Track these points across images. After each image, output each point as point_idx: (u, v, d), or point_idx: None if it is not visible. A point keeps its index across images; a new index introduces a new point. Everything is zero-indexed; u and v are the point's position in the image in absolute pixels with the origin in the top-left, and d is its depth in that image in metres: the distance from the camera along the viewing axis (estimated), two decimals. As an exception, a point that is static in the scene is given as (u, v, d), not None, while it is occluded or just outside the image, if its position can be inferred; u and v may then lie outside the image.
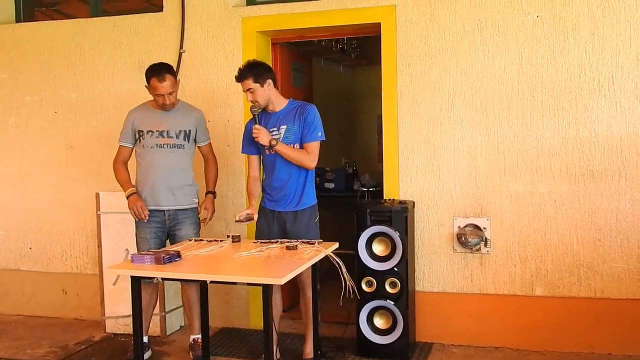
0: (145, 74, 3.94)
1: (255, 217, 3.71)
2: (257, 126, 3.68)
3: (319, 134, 3.73)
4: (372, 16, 4.32)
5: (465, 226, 4.18)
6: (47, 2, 5.82)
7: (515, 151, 4.10)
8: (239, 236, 3.61)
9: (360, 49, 6.94)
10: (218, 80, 4.66)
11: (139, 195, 3.94)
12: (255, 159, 3.88)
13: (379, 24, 4.31)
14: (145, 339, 4.02)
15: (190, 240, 3.76)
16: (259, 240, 3.62)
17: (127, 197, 3.94)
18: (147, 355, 4.05)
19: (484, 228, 4.15)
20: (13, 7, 5.35)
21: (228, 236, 3.64)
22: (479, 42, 4.13)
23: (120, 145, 4.07)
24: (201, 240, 3.75)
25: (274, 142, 3.64)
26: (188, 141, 4.04)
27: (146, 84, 3.95)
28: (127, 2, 5.34)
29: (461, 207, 4.21)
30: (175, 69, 4.67)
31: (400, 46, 4.27)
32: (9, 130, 5.19)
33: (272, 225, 3.80)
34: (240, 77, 3.69)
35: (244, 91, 3.73)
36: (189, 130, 4.04)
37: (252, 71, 3.67)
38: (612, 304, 3.97)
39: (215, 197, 4.14)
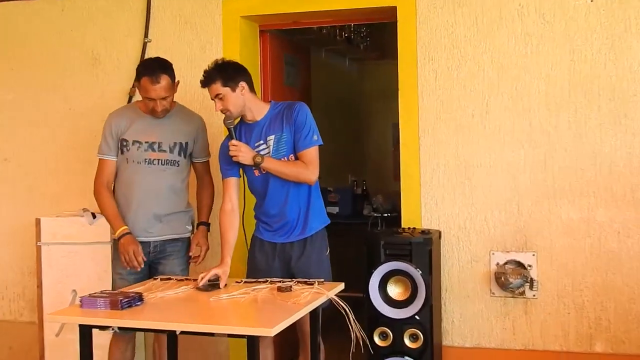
0: (137, 69, 3.91)
1: (224, 280, 3.51)
2: (233, 142, 3.59)
3: (315, 137, 3.65)
4: (385, -2, 4.35)
5: (506, 263, 4.15)
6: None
7: (567, 169, 4.08)
8: (217, 275, 3.54)
9: (370, 38, 6.97)
10: (193, 77, 4.58)
11: (133, 237, 3.81)
12: (233, 183, 3.76)
13: (395, 7, 4.32)
14: None
15: (155, 279, 3.70)
16: (243, 280, 3.57)
17: (119, 239, 3.80)
18: None
19: (529, 266, 4.12)
20: None
21: (202, 275, 3.55)
22: (519, 32, 4.14)
23: (101, 159, 3.95)
24: (169, 278, 3.70)
25: (258, 159, 3.55)
26: (184, 157, 3.99)
27: (136, 82, 3.93)
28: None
29: (500, 239, 4.19)
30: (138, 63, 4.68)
31: (422, 36, 4.29)
32: None
33: (271, 261, 3.75)
34: (206, 80, 3.62)
35: (211, 98, 3.66)
36: (186, 143, 3.99)
37: (220, 73, 3.60)
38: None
39: (209, 230, 4.08)
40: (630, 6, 3.95)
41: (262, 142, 3.67)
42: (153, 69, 3.80)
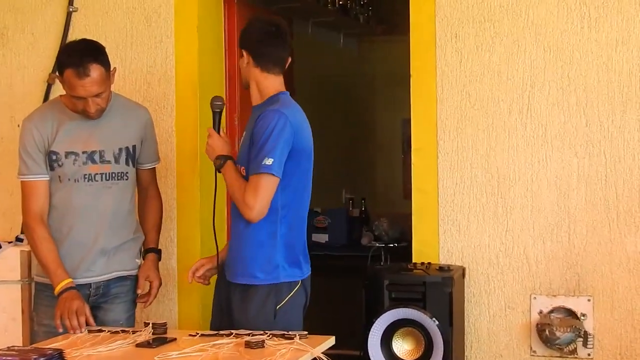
0: (58, 57, 3.95)
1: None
2: (210, 130, 3.72)
3: (267, 161, 3.60)
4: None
5: (551, 311, 4.20)
6: None
7: (637, 185, 4.13)
8: (165, 323, 3.60)
9: (373, 7, 7.01)
10: (134, 57, 4.70)
11: (78, 293, 3.75)
12: None
13: (406, -33, 4.38)
14: None
15: (83, 331, 3.73)
16: (199, 332, 3.61)
17: (60, 294, 3.73)
18: None
19: (583, 315, 4.17)
20: None
21: (146, 323, 3.62)
22: (573, 3, 4.18)
23: (26, 182, 3.92)
24: (101, 330, 3.73)
25: (217, 162, 3.68)
26: (133, 165, 4.05)
27: (57, 74, 3.94)
28: None
29: (544, 278, 4.23)
30: (60, 41, 4.72)
31: (442, 4, 4.34)
32: None
33: (219, 301, 3.88)
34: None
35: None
36: (133, 147, 4.03)
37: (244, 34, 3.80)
38: None
39: (160, 259, 4.14)
40: None
41: (238, 136, 3.78)
42: (80, 57, 3.74)
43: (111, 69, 3.87)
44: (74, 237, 3.90)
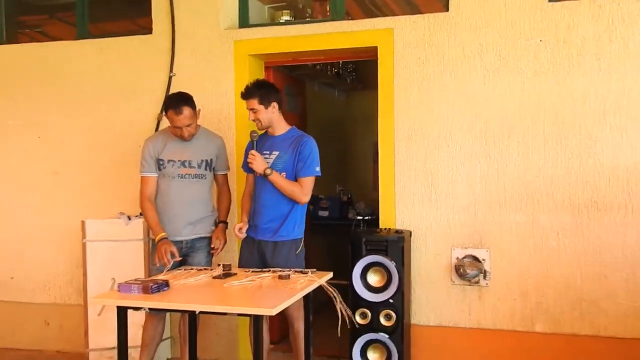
0: (164, 103, 3.99)
1: (245, 230, 3.81)
2: (253, 152, 3.70)
3: (317, 168, 3.73)
4: (368, 40, 4.37)
5: (464, 257, 4.18)
6: (31, 23, 5.85)
7: (516, 181, 4.11)
8: (230, 265, 3.60)
9: (356, 73, 6.99)
10: (209, 104, 4.64)
11: (169, 241, 3.80)
12: (252, 177, 3.89)
13: (376, 47, 4.34)
14: None
15: (180, 269, 3.74)
16: (251, 270, 3.61)
17: (157, 242, 3.81)
18: None
19: (483, 260, 4.15)
20: (-6, 28, 5.40)
21: (219, 265, 3.63)
22: (479, 67, 4.16)
23: (144, 177, 3.96)
24: (191, 268, 3.74)
25: (268, 171, 3.65)
26: (210, 170, 4.02)
27: (163, 114, 3.98)
28: (114, 24, 5.37)
29: (459, 237, 4.21)
30: (165, 94, 4.71)
31: (398, 70, 4.30)
32: (-11, 155, 5.20)
33: (253, 254, 3.81)
34: (246, 94, 3.71)
35: (247, 108, 3.74)
36: (211, 160, 4.01)
37: (259, 91, 3.69)
38: (617, 343, 3.94)
39: (227, 228, 4.13)
40: (572, 45, 3.97)
41: (267, 152, 3.75)
42: (176, 102, 3.82)
43: (197, 109, 3.90)
44: (171, 212, 3.92)
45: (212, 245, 4.01)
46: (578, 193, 4.01)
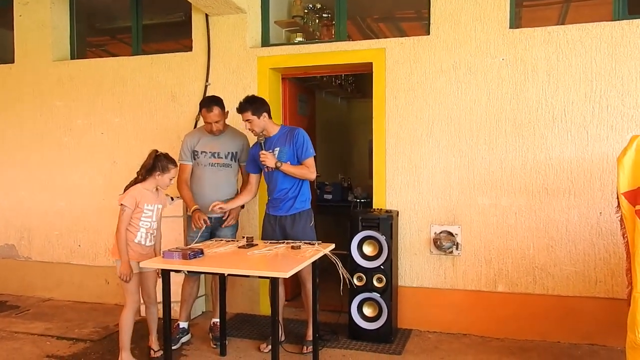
0: (199, 104, 3.99)
1: (226, 207, 3.77)
2: (263, 152, 3.67)
3: (311, 150, 3.74)
4: (365, 57, 4.32)
5: (440, 232, 4.16)
6: (95, 43, 5.86)
7: (483, 170, 4.08)
8: (252, 237, 3.59)
9: (355, 84, 6.94)
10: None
11: (201, 210, 3.84)
12: (254, 177, 3.88)
13: (371, 63, 4.31)
14: (185, 325, 4.03)
15: (211, 240, 3.73)
16: (269, 241, 3.60)
17: (192, 212, 3.85)
18: (185, 339, 4.02)
19: (456, 234, 4.13)
20: (68, 47, 5.37)
21: (243, 237, 3.62)
22: (453, 80, 4.13)
23: (182, 164, 3.97)
24: (220, 240, 3.73)
25: (279, 164, 3.63)
26: (235, 161, 4.01)
27: (199, 112, 4.00)
28: (162, 44, 5.35)
29: (437, 216, 4.18)
30: (201, 99, 4.69)
31: (389, 82, 4.27)
32: (63, 148, 5.19)
33: (275, 228, 3.79)
34: (241, 109, 3.68)
35: (243, 120, 3.70)
36: (236, 152, 4.00)
37: (251, 105, 3.67)
38: (562, 300, 3.94)
39: (242, 208, 4.14)
40: (528, 63, 3.95)
41: (271, 150, 3.73)
42: (208, 103, 3.90)
43: (225, 110, 3.92)
44: (203, 193, 3.93)
45: (224, 217, 3.97)
46: (532, 181, 3.98)
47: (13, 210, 5.37)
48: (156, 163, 3.51)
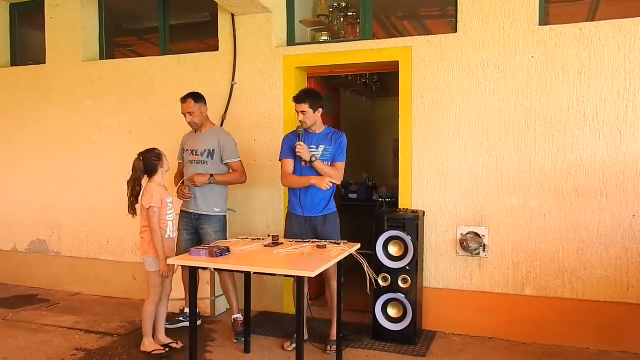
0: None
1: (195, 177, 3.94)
2: (300, 143, 3.65)
3: (345, 156, 3.74)
4: (391, 55, 4.27)
5: (467, 233, 4.08)
6: (124, 43, 5.93)
7: (511, 171, 3.99)
8: (278, 236, 3.56)
9: (380, 82, 6.90)
10: (263, 107, 4.64)
11: (182, 187, 4.06)
12: (292, 162, 3.77)
13: (397, 62, 4.25)
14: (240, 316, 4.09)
15: (237, 238, 3.71)
16: (295, 240, 3.57)
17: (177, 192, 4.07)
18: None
19: (483, 236, 4.05)
20: (98, 47, 5.44)
21: (269, 235, 3.60)
22: (481, 78, 4.05)
23: (179, 163, 4.22)
24: (247, 238, 3.72)
25: (313, 159, 3.62)
26: (212, 158, 4.01)
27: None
28: (189, 44, 5.38)
29: (464, 217, 4.10)
30: (228, 98, 4.69)
31: (415, 81, 4.21)
32: (93, 146, 5.25)
33: (304, 228, 3.75)
34: (299, 99, 3.65)
35: (297, 111, 3.66)
36: (213, 150, 4.01)
37: (309, 97, 3.66)
38: (592, 306, 3.82)
39: (210, 180, 3.98)
40: (559, 61, 3.85)
41: (314, 147, 3.72)
42: (185, 96, 4.03)
43: (203, 106, 4.06)
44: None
45: (189, 178, 4.01)
46: (562, 182, 3.88)
47: (44, 206, 5.45)
48: (157, 159, 3.66)
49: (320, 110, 3.70)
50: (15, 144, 5.58)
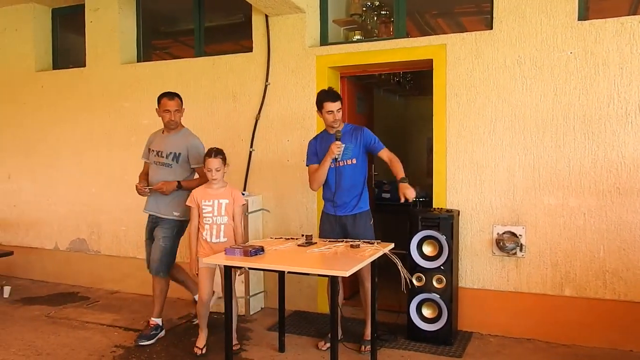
0: (158, 98, 3.97)
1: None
2: (338, 143, 3.59)
3: (380, 142, 3.71)
4: (425, 53, 4.23)
5: (503, 233, 4.02)
6: (160, 46, 6.05)
7: (549, 169, 3.91)
8: (312, 235, 3.58)
9: (413, 81, 6.85)
10: (296, 107, 4.66)
11: (141, 182, 3.99)
12: (315, 166, 3.76)
13: (431, 60, 4.21)
14: (159, 321, 4.04)
15: (271, 237, 3.73)
16: (328, 240, 3.58)
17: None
18: (161, 334, 4.06)
19: (520, 235, 3.97)
20: (135, 50, 5.57)
21: (302, 235, 3.61)
22: (518, 75, 3.98)
23: (144, 161, 4.14)
24: (280, 238, 3.74)
25: (403, 178, 3.59)
26: (177, 162, 3.91)
27: (156, 107, 3.97)
28: (224, 45, 5.45)
29: (500, 216, 4.04)
30: (261, 98, 4.73)
31: (449, 79, 4.16)
32: (131, 147, 5.33)
33: (334, 227, 3.75)
34: (336, 97, 3.65)
35: (331, 110, 3.61)
36: (179, 153, 3.91)
37: (340, 97, 3.69)
38: (634, 307, 3.71)
39: (176, 188, 3.91)
40: (598, 57, 3.76)
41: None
42: (171, 94, 3.95)
43: (183, 107, 4.01)
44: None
45: (157, 186, 3.90)
46: (602, 180, 3.78)
47: (84, 206, 5.61)
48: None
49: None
50: (57, 145, 5.76)
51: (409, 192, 3.46)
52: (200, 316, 3.71)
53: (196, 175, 4.01)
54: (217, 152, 3.59)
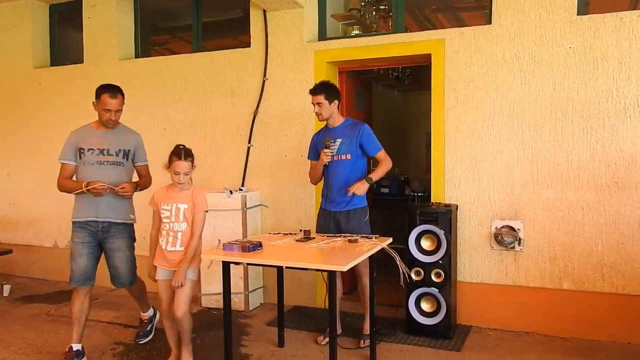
0: (97, 90, 3.47)
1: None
2: (326, 151, 3.64)
3: (379, 144, 3.72)
4: (423, 48, 4.23)
5: (502, 227, 4.02)
6: (158, 42, 6.03)
7: (548, 164, 3.91)
8: (310, 230, 3.58)
9: (412, 76, 6.84)
10: (294, 102, 4.66)
11: (94, 182, 3.36)
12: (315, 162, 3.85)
13: (430, 54, 4.21)
14: (79, 347, 3.52)
15: (270, 233, 3.74)
16: (326, 235, 3.58)
17: (86, 188, 3.35)
18: None
19: (518, 229, 3.99)
20: (133, 46, 5.56)
21: (301, 230, 3.62)
22: (516, 70, 3.98)
23: (63, 164, 3.50)
24: (278, 233, 3.75)
25: (370, 180, 3.56)
26: (127, 160, 3.55)
27: (94, 100, 3.46)
28: (222, 41, 5.44)
29: (498, 210, 4.05)
30: (259, 94, 4.73)
31: (448, 73, 4.16)
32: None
33: (329, 222, 3.76)
34: (315, 91, 3.67)
35: (313, 103, 3.69)
36: (129, 150, 3.56)
37: (325, 90, 3.67)
38: (632, 300, 3.73)
39: (135, 189, 3.59)
40: (597, 51, 3.76)
41: (333, 141, 3.70)
42: (113, 89, 3.47)
43: (123, 103, 3.51)
44: (92, 196, 3.43)
45: (120, 187, 3.43)
46: (601, 174, 3.79)
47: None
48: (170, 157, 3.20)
49: (337, 102, 3.70)
50: (56, 142, 5.69)
51: (360, 188, 3.52)
52: (167, 331, 3.34)
53: (135, 177, 3.69)
54: (187, 154, 3.19)
